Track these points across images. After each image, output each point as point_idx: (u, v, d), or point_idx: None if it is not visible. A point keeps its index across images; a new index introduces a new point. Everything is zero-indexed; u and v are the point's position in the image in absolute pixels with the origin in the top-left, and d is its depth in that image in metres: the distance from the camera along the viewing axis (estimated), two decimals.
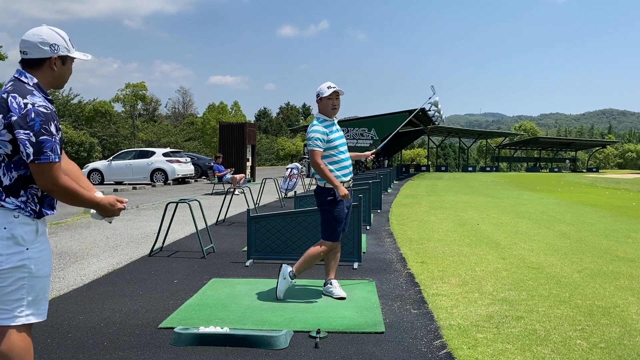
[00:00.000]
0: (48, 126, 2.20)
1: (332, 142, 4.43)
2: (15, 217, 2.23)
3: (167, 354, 3.33)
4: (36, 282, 2.29)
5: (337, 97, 4.47)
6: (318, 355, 3.34)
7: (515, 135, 63.67)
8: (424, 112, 28.49)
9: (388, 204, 13.59)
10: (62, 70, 2.39)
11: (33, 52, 2.31)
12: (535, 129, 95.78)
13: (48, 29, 2.37)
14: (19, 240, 2.22)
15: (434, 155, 62.27)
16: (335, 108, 4.48)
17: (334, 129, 4.50)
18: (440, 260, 6.26)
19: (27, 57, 2.31)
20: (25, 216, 2.25)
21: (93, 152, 34.71)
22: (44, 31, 2.35)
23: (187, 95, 75.55)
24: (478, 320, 3.97)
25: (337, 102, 4.48)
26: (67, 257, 6.41)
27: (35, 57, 2.31)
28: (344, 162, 4.50)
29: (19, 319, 2.25)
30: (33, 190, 2.28)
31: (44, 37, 2.32)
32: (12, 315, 2.24)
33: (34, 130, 2.15)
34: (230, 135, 23.39)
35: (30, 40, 2.31)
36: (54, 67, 2.35)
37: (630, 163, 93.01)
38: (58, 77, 2.39)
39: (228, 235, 8.13)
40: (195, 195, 15.26)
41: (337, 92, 4.44)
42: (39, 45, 2.31)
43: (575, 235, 8.38)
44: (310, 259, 4.52)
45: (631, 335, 3.68)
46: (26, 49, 2.31)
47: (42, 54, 2.32)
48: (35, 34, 2.32)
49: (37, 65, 2.32)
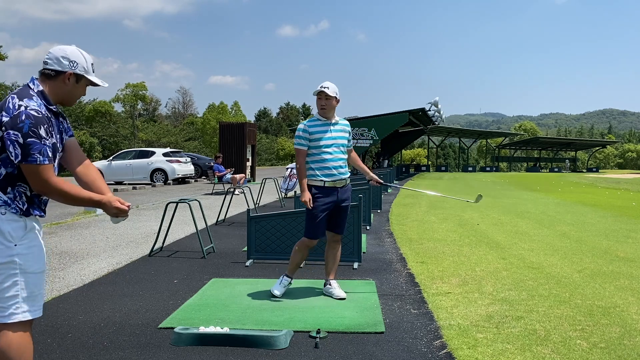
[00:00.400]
0: (37, 129, 2.24)
1: (317, 142, 4.47)
2: (2, 213, 2.25)
3: (167, 354, 3.33)
4: (29, 278, 2.31)
5: (325, 97, 4.47)
6: (318, 355, 3.34)
7: (515, 135, 63.68)
8: (424, 112, 28.50)
9: (388, 204, 13.59)
10: (73, 88, 2.49)
11: (53, 63, 2.43)
12: (535, 129, 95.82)
13: (75, 48, 2.51)
14: (6, 236, 2.25)
15: (434, 155, 62.28)
16: (324, 108, 4.49)
17: (326, 129, 4.51)
18: (440, 260, 6.26)
19: (46, 67, 2.43)
20: (12, 213, 2.27)
21: (93, 152, 34.75)
22: (69, 49, 2.48)
23: (187, 95, 75.66)
24: (478, 320, 3.97)
25: (325, 102, 4.47)
26: (67, 257, 6.41)
27: (52, 68, 2.42)
28: (327, 162, 4.47)
29: (16, 316, 2.27)
30: (21, 188, 2.31)
31: (67, 53, 2.45)
32: (8, 312, 2.26)
33: (22, 131, 2.21)
34: (230, 135, 23.39)
35: (54, 53, 2.44)
36: (66, 82, 2.44)
37: (630, 163, 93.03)
38: (68, 93, 2.48)
39: (228, 235, 8.13)
40: (195, 195, 15.26)
41: (322, 91, 4.45)
42: (60, 58, 2.43)
43: (576, 235, 8.38)
44: (292, 256, 4.70)
45: (631, 335, 3.68)
46: (48, 59, 2.44)
47: (60, 67, 2.43)
48: (61, 49, 2.46)
49: (52, 76, 2.43)
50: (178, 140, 49.52)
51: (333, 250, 4.71)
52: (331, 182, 4.48)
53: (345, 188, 4.62)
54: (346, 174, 4.59)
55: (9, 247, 2.25)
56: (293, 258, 4.68)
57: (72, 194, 2.36)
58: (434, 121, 32.75)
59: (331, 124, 4.56)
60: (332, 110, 4.54)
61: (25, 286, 2.29)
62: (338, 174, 4.51)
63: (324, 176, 4.47)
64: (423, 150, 74.15)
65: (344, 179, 4.56)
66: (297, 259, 4.67)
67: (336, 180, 4.50)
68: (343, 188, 4.58)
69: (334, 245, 4.71)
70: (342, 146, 4.58)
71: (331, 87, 4.50)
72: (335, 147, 4.52)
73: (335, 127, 4.57)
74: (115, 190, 17.75)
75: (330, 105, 4.50)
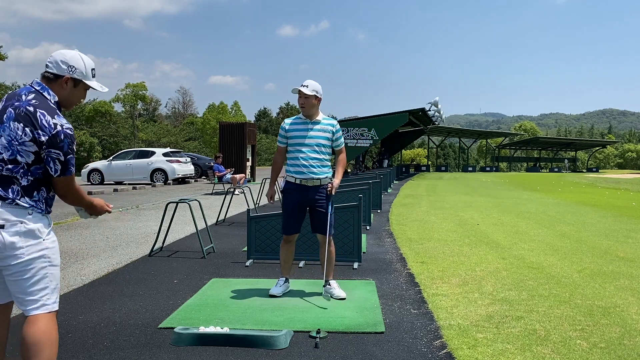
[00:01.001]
0: (73, 146, 2.48)
1: (293, 139, 4.54)
2: (30, 214, 2.43)
3: (167, 354, 3.33)
4: (55, 271, 2.50)
5: (304, 96, 4.48)
6: (318, 355, 3.34)
7: (515, 135, 63.64)
8: (424, 112, 28.49)
9: (388, 204, 13.59)
10: (71, 92, 2.57)
11: (52, 67, 2.52)
12: (535, 129, 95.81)
13: (76, 52, 2.60)
14: (36, 233, 2.42)
15: (434, 155, 62.26)
16: (303, 107, 4.52)
17: (305, 127, 4.53)
18: (440, 260, 6.26)
19: (47, 70, 2.52)
20: (37, 212, 2.46)
21: (93, 152, 34.76)
22: (70, 53, 2.57)
23: (187, 95, 75.65)
24: (478, 320, 3.97)
25: (304, 100, 4.50)
26: (67, 257, 6.41)
27: (52, 72, 2.52)
28: (298, 160, 4.50)
29: (46, 307, 2.44)
30: (43, 192, 2.51)
31: (67, 57, 2.54)
32: (41, 304, 2.42)
33: (63, 150, 2.41)
34: (230, 135, 23.38)
35: (55, 57, 2.54)
36: (63, 86, 2.54)
37: (630, 163, 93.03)
38: (66, 97, 2.58)
39: (228, 235, 8.13)
40: (195, 195, 15.26)
41: (299, 90, 4.48)
42: (59, 62, 2.52)
43: (575, 235, 8.38)
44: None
45: (631, 335, 3.68)
46: (49, 62, 2.53)
47: (59, 71, 2.52)
48: (61, 53, 2.55)
49: (51, 79, 2.53)
50: (178, 140, 49.52)
51: (323, 250, 4.68)
52: (301, 180, 4.50)
53: (320, 188, 4.54)
54: (320, 174, 4.51)
55: (40, 242, 2.43)
56: (280, 257, 4.78)
57: (81, 195, 2.63)
58: (434, 121, 32.72)
59: (311, 122, 4.55)
60: (312, 109, 4.53)
61: (52, 278, 2.47)
62: (308, 173, 4.48)
63: (295, 173, 4.51)
64: (423, 150, 74.11)
65: (317, 178, 4.50)
66: (282, 256, 4.75)
67: (307, 179, 4.49)
68: (315, 187, 4.53)
69: (323, 245, 4.68)
70: (319, 146, 4.53)
71: (310, 85, 4.49)
72: (309, 146, 4.50)
73: (315, 127, 4.55)
74: (115, 191, 17.76)
75: (309, 103, 4.50)
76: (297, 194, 4.52)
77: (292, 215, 4.57)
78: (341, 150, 4.73)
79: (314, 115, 4.56)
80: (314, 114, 4.56)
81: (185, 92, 79.00)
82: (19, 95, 2.47)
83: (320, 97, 4.56)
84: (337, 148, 4.70)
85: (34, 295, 2.41)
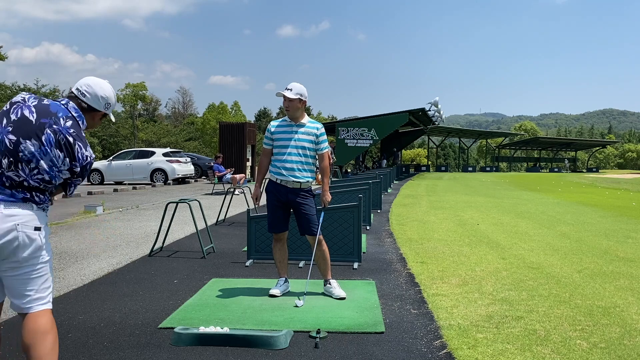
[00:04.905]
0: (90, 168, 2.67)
1: (277, 141, 4.60)
2: (47, 216, 2.62)
3: (167, 354, 3.33)
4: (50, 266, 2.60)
5: (288, 99, 4.50)
6: (318, 355, 3.34)
7: (515, 135, 63.61)
8: (424, 112, 28.49)
9: (388, 204, 13.59)
10: (97, 122, 2.74)
11: (89, 99, 2.63)
12: (535, 129, 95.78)
13: (109, 86, 2.70)
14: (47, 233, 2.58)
15: (434, 155, 62.24)
16: (287, 110, 4.55)
17: (289, 130, 4.56)
18: (440, 260, 6.26)
19: (83, 99, 2.62)
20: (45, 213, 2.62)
21: (93, 152, 34.72)
22: (107, 88, 2.68)
23: (187, 95, 75.54)
24: (478, 320, 3.97)
25: (288, 103, 4.52)
26: (67, 257, 6.41)
27: (89, 104, 2.63)
28: (279, 162, 4.55)
29: (49, 303, 2.56)
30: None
31: (106, 93, 2.67)
32: (47, 300, 2.54)
33: (83, 177, 2.63)
34: (230, 135, 23.39)
35: (94, 89, 2.64)
36: (96, 120, 2.70)
37: (630, 163, 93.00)
38: (90, 126, 2.71)
39: (228, 235, 8.13)
40: (195, 195, 15.26)
41: (282, 94, 4.50)
42: (99, 97, 2.65)
43: (575, 235, 8.38)
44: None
45: (631, 335, 3.68)
46: (87, 93, 2.63)
47: (96, 105, 2.65)
48: (100, 87, 2.66)
49: (85, 110, 2.63)
50: (178, 140, 49.47)
51: (315, 250, 4.68)
52: (281, 180, 4.56)
53: (300, 191, 4.56)
54: (301, 178, 4.53)
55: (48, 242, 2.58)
56: (274, 257, 4.83)
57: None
58: (434, 121, 32.72)
59: (296, 125, 4.57)
60: (296, 112, 4.54)
61: (51, 274, 2.60)
62: (288, 175, 4.51)
63: (276, 174, 4.57)
64: (423, 150, 74.11)
65: (297, 181, 4.53)
66: (275, 256, 4.80)
67: (287, 181, 4.53)
68: (295, 190, 4.55)
69: (313, 246, 4.68)
70: (302, 149, 4.55)
71: (295, 88, 4.50)
72: (292, 148, 4.52)
73: (300, 129, 4.57)
74: (115, 191, 17.75)
75: (293, 106, 4.51)
76: (277, 193, 4.60)
77: (276, 214, 4.64)
78: (323, 156, 4.69)
79: (298, 117, 4.58)
80: (299, 117, 4.58)
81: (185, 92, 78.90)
82: (56, 116, 2.48)
83: (305, 100, 4.57)
84: (320, 152, 4.67)
85: (43, 293, 2.51)
